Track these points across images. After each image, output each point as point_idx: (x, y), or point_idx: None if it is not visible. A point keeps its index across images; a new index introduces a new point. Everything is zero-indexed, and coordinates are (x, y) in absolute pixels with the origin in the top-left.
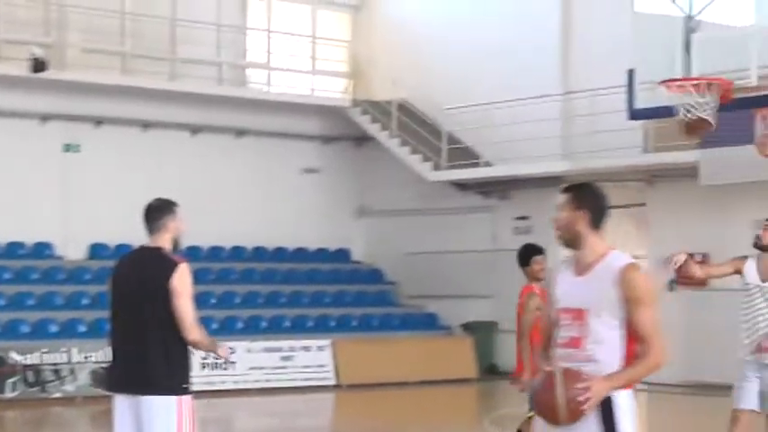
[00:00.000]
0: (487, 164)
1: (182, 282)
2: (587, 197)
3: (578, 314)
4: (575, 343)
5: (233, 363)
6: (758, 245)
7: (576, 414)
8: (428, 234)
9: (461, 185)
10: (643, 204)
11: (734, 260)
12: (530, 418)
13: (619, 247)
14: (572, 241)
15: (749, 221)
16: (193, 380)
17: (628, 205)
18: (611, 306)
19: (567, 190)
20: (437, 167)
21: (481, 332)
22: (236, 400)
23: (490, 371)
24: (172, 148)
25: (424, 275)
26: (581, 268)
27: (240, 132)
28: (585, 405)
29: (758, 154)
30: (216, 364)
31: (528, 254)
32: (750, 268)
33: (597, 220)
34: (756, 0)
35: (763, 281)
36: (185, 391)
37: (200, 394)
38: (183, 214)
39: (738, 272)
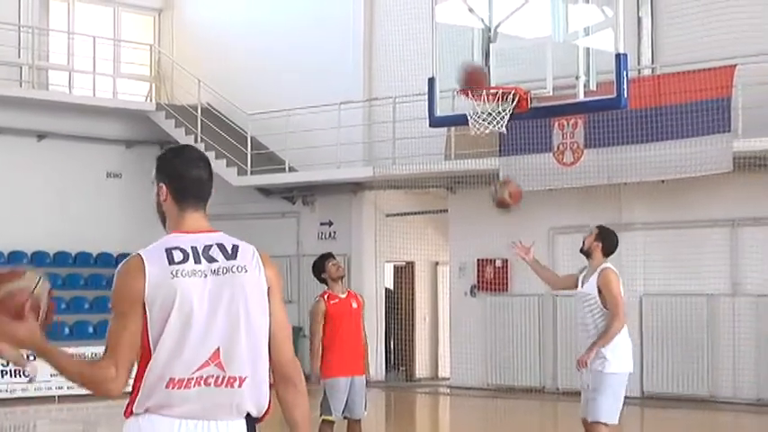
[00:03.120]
0: (292, 169)
1: None
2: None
3: None
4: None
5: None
6: (580, 249)
7: None
8: None
9: (266, 191)
10: (445, 210)
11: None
12: (323, 420)
13: (421, 252)
14: None
15: (547, 228)
16: None
17: (430, 211)
18: None
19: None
20: (242, 173)
21: None
22: (38, 408)
23: None
24: None
25: None
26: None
27: (41, 135)
28: None
29: (556, 162)
30: (17, 372)
31: (322, 261)
32: (581, 278)
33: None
34: (552, 13)
35: (580, 287)
36: None
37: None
38: None
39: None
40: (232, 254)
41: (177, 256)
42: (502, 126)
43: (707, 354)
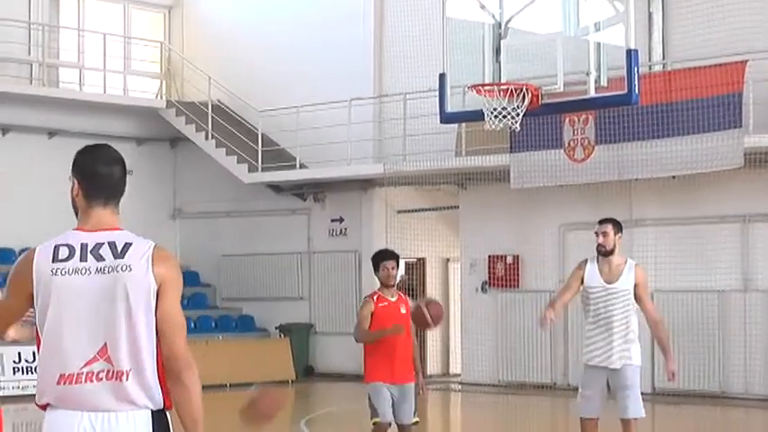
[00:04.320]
0: (302, 166)
1: None
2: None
3: None
4: None
5: None
6: (603, 251)
7: None
8: (244, 236)
9: (277, 188)
10: (456, 207)
11: (574, 273)
12: (374, 424)
13: (432, 249)
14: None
15: (557, 224)
16: None
17: (441, 208)
18: None
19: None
20: (252, 169)
21: (297, 334)
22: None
23: (307, 373)
24: None
25: (239, 278)
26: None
27: (52, 133)
28: None
29: (567, 158)
30: (29, 368)
31: (378, 258)
32: (592, 272)
33: None
34: (563, 8)
35: (609, 283)
36: None
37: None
38: None
39: (581, 280)
40: (121, 253)
41: (62, 253)
42: (516, 123)
43: (718, 350)
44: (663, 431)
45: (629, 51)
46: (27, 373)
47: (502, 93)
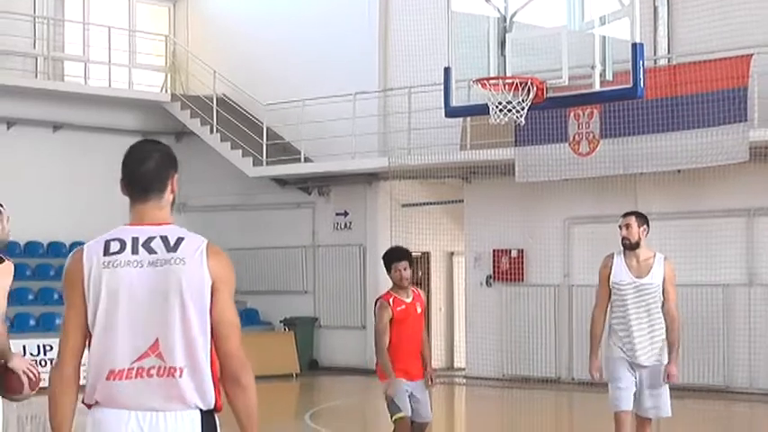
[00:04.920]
0: (307, 160)
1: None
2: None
3: None
4: None
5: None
6: (627, 244)
7: None
8: (248, 230)
9: (281, 181)
10: (461, 201)
11: (602, 277)
12: (395, 420)
13: (436, 242)
14: None
15: (562, 218)
16: None
17: (446, 202)
18: None
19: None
20: (257, 163)
21: (302, 328)
22: None
23: (311, 366)
24: None
25: (244, 271)
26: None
27: (57, 126)
28: None
29: (572, 152)
30: (40, 361)
31: (389, 259)
32: (619, 267)
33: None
34: (568, 2)
35: (639, 278)
36: None
37: None
38: (8, 215)
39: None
40: (174, 246)
41: (114, 246)
42: (521, 117)
43: (722, 344)
44: (667, 425)
45: (634, 45)
46: None
47: (507, 86)
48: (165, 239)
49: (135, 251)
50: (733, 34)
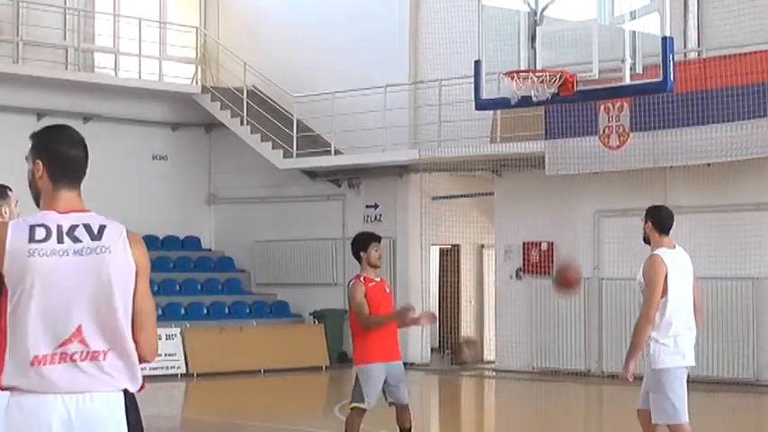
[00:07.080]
0: (337, 152)
1: None
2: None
3: None
4: None
5: None
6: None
7: None
8: (278, 222)
9: (311, 173)
10: (491, 193)
11: (659, 270)
12: (352, 408)
13: (467, 235)
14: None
15: (592, 211)
16: None
17: (476, 194)
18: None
19: None
20: (287, 155)
21: (331, 320)
22: None
23: (341, 359)
24: (16, 133)
25: (274, 263)
26: None
27: (87, 118)
28: None
29: (602, 145)
30: None
31: (366, 242)
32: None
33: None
34: None
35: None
36: None
37: None
38: (17, 198)
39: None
40: (98, 234)
41: (39, 233)
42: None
43: (752, 337)
44: (695, 418)
45: (664, 39)
46: None
47: (537, 80)
48: (87, 227)
49: (60, 240)
50: (763, 28)
